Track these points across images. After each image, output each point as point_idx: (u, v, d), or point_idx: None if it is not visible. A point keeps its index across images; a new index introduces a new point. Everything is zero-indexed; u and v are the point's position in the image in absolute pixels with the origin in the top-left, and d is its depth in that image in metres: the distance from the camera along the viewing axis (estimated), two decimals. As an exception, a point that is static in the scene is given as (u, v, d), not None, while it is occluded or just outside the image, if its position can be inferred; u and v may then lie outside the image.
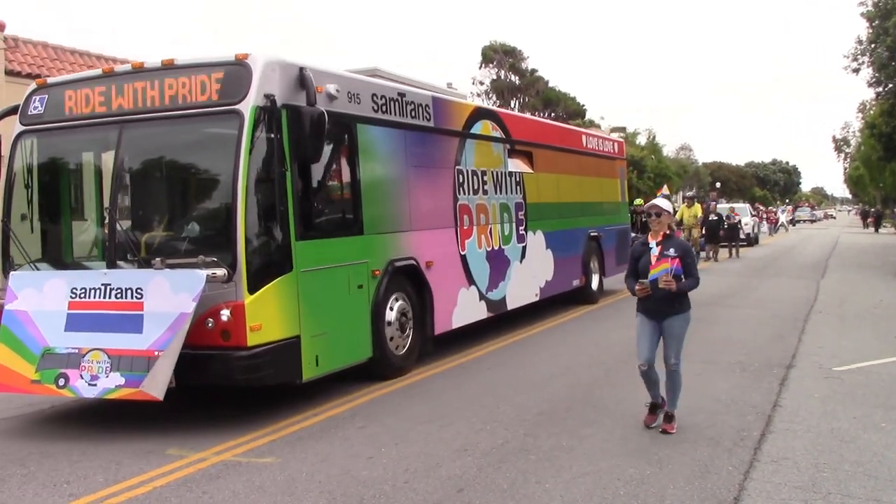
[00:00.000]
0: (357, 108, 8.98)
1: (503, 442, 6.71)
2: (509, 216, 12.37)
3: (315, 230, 8.28)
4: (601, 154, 16.70)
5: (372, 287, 9.03)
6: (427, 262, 10.09)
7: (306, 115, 7.82)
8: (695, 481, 5.61)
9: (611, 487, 5.53)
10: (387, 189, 9.50)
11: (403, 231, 9.72)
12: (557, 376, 9.27)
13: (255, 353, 7.40)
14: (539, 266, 13.33)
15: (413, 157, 10.01)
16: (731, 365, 9.61)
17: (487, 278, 11.60)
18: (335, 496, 5.56)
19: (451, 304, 10.67)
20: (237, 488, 5.79)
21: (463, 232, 11.01)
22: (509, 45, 63.33)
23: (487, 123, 11.95)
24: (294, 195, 7.87)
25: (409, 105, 9.98)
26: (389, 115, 9.56)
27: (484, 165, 11.73)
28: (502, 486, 5.62)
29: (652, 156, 55.05)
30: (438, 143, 10.67)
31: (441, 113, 10.69)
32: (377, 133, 9.34)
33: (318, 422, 7.65)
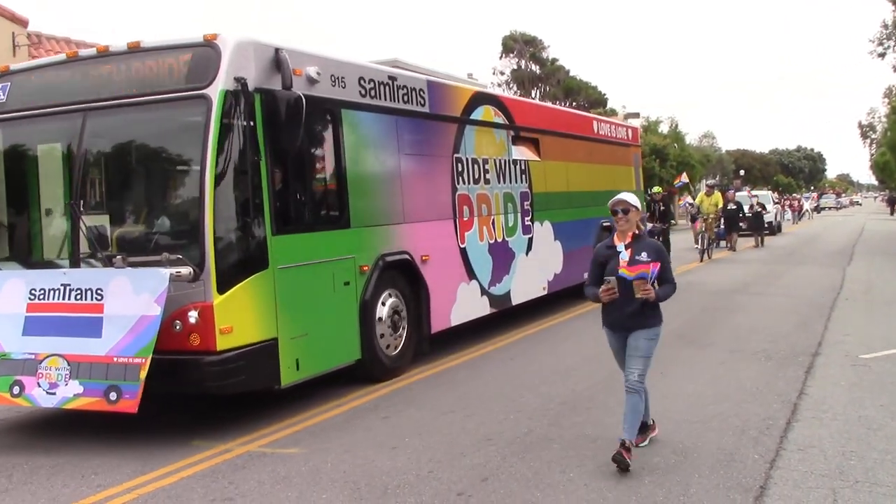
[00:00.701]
0: (342, 93, 8.32)
1: (527, 431, 6.62)
2: (514, 206, 11.68)
3: (294, 224, 7.64)
4: (614, 141, 15.92)
5: (360, 284, 8.39)
6: (422, 257, 9.43)
7: (282, 99, 7.20)
8: (720, 470, 5.52)
9: (635, 476, 5.44)
10: (376, 179, 8.85)
11: (395, 224, 9.06)
12: (581, 365, 9.09)
13: (225, 357, 6.78)
14: (547, 258, 12.62)
15: (406, 145, 9.34)
16: (757, 353, 9.39)
17: (490, 272, 10.92)
18: (359, 486, 5.52)
19: (449, 301, 10.01)
20: (262, 478, 5.77)
21: (462, 224, 10.34)
22: (530, 35, 62.31)
23: (489, 109, 11.25)
24: (270, 186, 7.24)
25: (401, 89, 9.31)
26: (379, 99, 8.90)
27: (486, 153, 11.04)
28: (526, 476, 5.57)
29: (674, 144, 54.27)
30: (435, 129, 9.99)
31: (437, 98, 10.01)
32: (365, 119, 8.68)
33: (342, 412, 7.54)
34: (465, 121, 10.60)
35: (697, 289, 15.82)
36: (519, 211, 11.80)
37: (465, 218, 10.39)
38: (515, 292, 11.56)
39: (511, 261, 11.51)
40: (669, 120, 59.49)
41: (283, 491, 5.51)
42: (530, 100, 12.86)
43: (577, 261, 13.68)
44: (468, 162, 10.56)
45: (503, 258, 11.30)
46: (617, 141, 16.07)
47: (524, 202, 11.99)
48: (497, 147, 11.38)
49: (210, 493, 5.55)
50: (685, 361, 9.04)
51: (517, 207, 11.75)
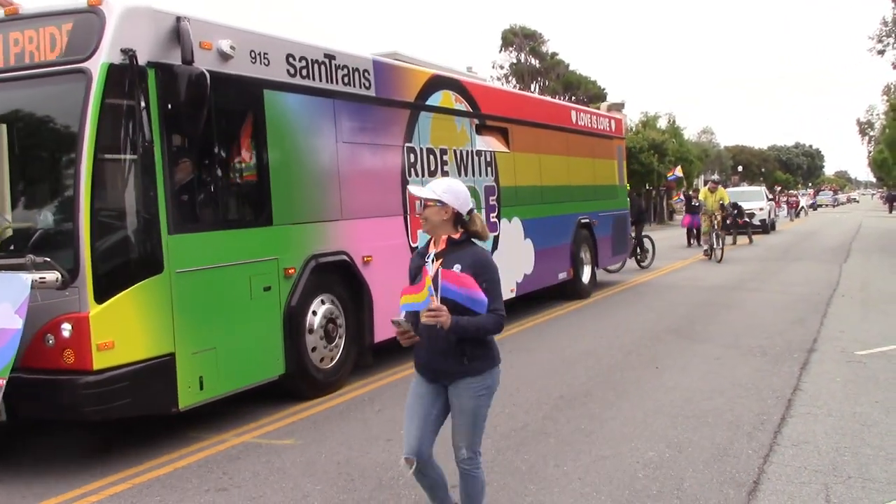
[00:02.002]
0: (265, 71, 7.19)
1: (522, 425, 6.54)
2: (477, 201, 10.52)
3: (198, 221, 6.53)
4: (595, 132, 14.73)
5: (284, 289, 7.28)
6: (364, 258, 8.31)
7: (182, 76, 6.10)
8: (714, 465, 5.48)
9: (630, 471, 5.41)
10: (307, 170, 7.70)
11: (331, 221, 7.93)
12: (578, 360, 8.94)
13: (105, 377, 5.69)
14: (515, 258, 11.48)
15: (346, 132, 8.21)
16: (752, 349, 9.30)
17: (447, 274, 9.80)
18: (353, 478, 5.47)
19: (396, 307, 8.88)
20: (257, 469, 5.71)
21: (415, 220, 9.21)
22: (529, 29, 61.65)
23: (448, 94, 10.11)
24: (166, 177, 6.13)
25: (341, 70, 8.17)
26: (312, 80, 7.76)
27: (444, 143, 9.90)
28: (521, 469, 5.51)
29: (673, 139, 53.28)
30: (382, 115, 8.85)
31: (385, 80, 8.87)
32: (294, 102, 7.55)
33: (337, 405, 7.44)
34: (420, 107, 9.46)
35: (693, 285, 15.57)
36: (483, 206, 10.65)
37: (416, 214, 9.24)
38: (478, 295, 10.43)
39: (473, 261, 10.38)
40: (668, 115, 58.71)
41: (278, 482, 5.44)
42: (499, 86, 11.64)
43: (552, 260, 12.59)
44: (422, 152, 9.43)
45: (464, 258, 10.16)
46: (598, 132, 14.87)
47: (489, 197, 10.85)
48: (458, 136, 10.25)
49: (205, 483, 5.49)
50: (680, 356, 8.94)
51: (481, 202, 10.61)
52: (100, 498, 5.37)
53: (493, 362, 4.15)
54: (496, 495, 5.05)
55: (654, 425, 6.41)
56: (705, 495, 4.99)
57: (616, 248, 15.42)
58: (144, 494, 5.36)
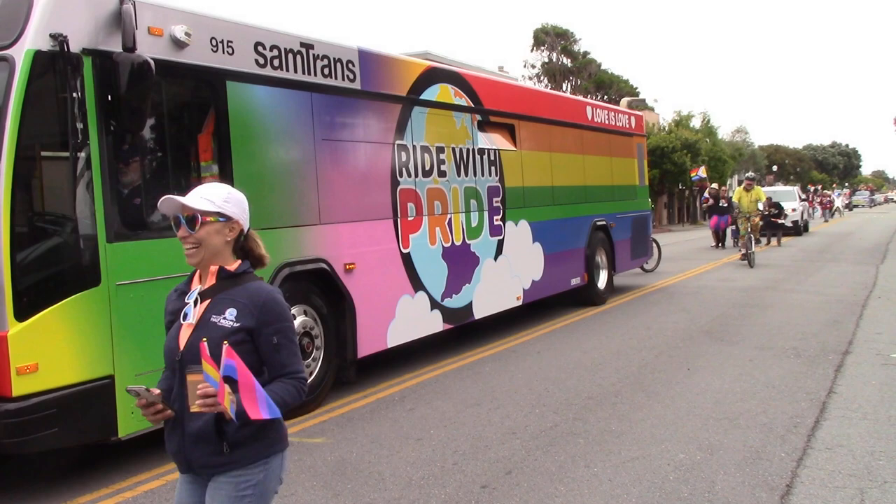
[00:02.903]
0: (228, 61, 6.44)
1: (552, 425, 6.44)
2: (479, 203, 9.72)
3: (144, 227, 5.80)
4: (613, 129, 13.81)
5: (250, 301, 6.53)
6: (346, 265, 7.54)
7: (122, 64, 5.37)
8: (746, 468, 5.35)
9: (660, 472, 5.30)
10: (278, 170, 6.93)
11: (307, 225, 7.16)
12: (607, 360, 8.74)
13: (26, 405, 4.97)
14: (522, 263, 10.64)
15: (326, 129, 7.43)
16: (786, 350, 9.00)
17: (444, 281, 8.99)
18: (384, 477, 5.40)
19: (385, 317, 8.11)
20: (288, 467, 4.65)
21: (406, 224, 8.42)
22: (561, 28, 60.80)
23: (447, 88, 9.29)
24: (105, 177, 5.40)
25: (320, 60, 7.39)
26: (286, 71, 7.00)
27: (441, 140, 9.09)
28: (550, 470, 5.43)
29: (706, 139, 52.40)
30: (369, 111, 8.06)
31: (373, 73, 8.08)
32: (264, 95, 6.79)
33: (368, 403, 7.37)
34: (414, 101, 8.66)
35: (726, 286, 15.05)
36: (486, 209, 9.84)
37: (409, 217, 8.47)
38: (479, 304, 9.62)
39: (473, 267, 9.57)
40: (701, 114, 57.63)
41: (309, 480, 5.39)
42: (506, 79, 10.80)
43: (564, 265, 11.73)
44: (416, 151, 8.63)
45: (463, 264, 9.36)
46: (616, 129, 13.95)
47: (493, 198, 10.02)
48: (457, 133, 9.43)
49: None
50: (712, 358, 8.71)
51: (483, 204, 9.80)
52: (135, 494, 5.31)
53: (270, 448, 2.77)
54: (525, 496, 4.97)
55: (685, 427, 6.24)
56: (737, 499, 4.86)
57: (636, 252, 14.48)
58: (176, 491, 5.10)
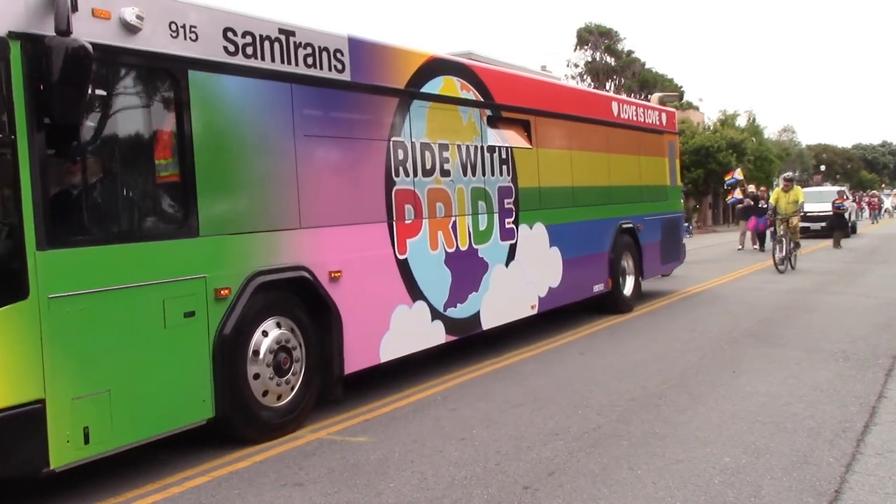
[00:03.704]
0: (191, 48, 5.74)
1: (595, 427, 6.32)
2: (488, 205, 8.92)
3: (84, 233, 5.11)
4: (641, 126, 12.87)
5: (215, 314, 5.81)
6: (332, 273, 6.81)
7: (55, 50, 4.70)
8: (793, 472, 5.20)
9: (705, 476, 5.17)
10: (250, 169, 6.19)
11: (286, 229, 6.44)
12: (651, 362, 8.55)
13: (-66, 434, 4.35)
14: (538, 269, 9.81)
15: (309, 124, 6.70)
16: (834, 353, 8.70)
17: (447, 290, 8.22)
18: (426, 476, 5.35)
19: (378, 330, 7.36)
20: (332, 465, 5.64)
21: (403, 228, 7.67)
22: (605, 27, 60.10)
23: (452, 81, 8.50)
24: (35, 177, 4.73)
25: (303, 49, 6.67)
26: (260, 60, 6.28)
27: (445, 137, 8.31)
28: (594, 471, 5.32)
29: (752, 138, 51.39)
30: (360, 104, 7.31)
31: (365, 63, 7.33)
32: (234, 86, 6.08)
33: (410, 403, 7.27)
34: (413, 94, 7.89)
35: (771, 288, 14.60)
36: (496, 211, 9.03)
37: (407, 220, 7.71)
38: (487, 313, 8.82)
39: (482, 274, 8.78)
40: (747, 113, 56.39)
41: (352, 478, 5.35)
42: (520, 72, 9.94)
43: (585, 271, 10.87)
44: (415, 148, 7.87)
45: (469, 271, 8.57)
46: (645, 127, 13.00)
47: (504, 200, 9.21)
48: (464, 130, 8.64)
49: (281, 477, 5.44)
50: (758, 360, 8.50)
51: (493, 206, 9.00)
52: (182, 490, 5.27)
53: None
54: (568, 497, 4.88)
55: (731, 430, 6.06)
56: (784, 503, 4.71)
57: (666, 256, 13.52)
58: (224, 487, 5.29)
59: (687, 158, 44.81)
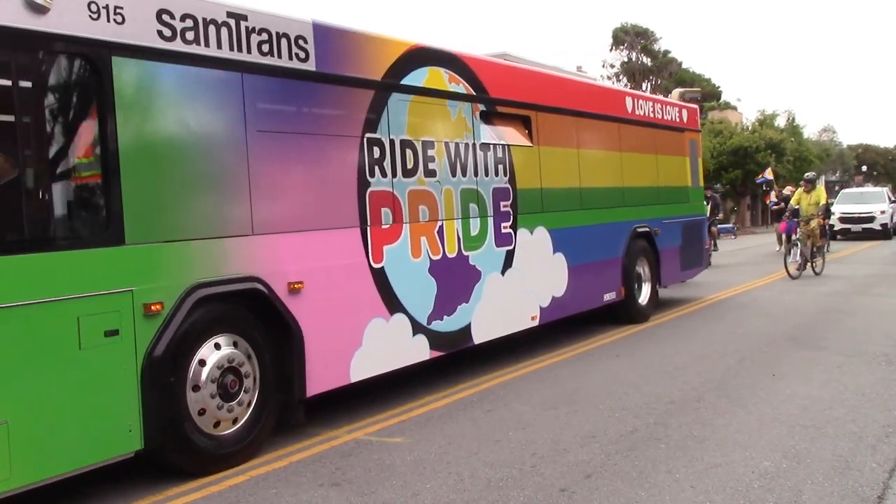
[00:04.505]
0: (115, 32, 4.98)
1: (632, 430, 6.17)
2: (481, 208, 8.09)
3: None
4: (659, 123, 11.91)
5: (144, 332, 5.07)
6: (292, 284, 6.04)
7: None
8: (834, 477, 4.97)
9: (744, 480, 4.97)
10: (189, 167, 5.43)
11: (233, 236, 5.69)
12: (689, 364, 8.37)
13: None
14: (539, 277, 8.95)
15: (263, 118, 5.94)
16: (877, 357, 8.45)
17: (432, 301, 7.41)
18: (463, 477, 5.24)
19: (348, 346, 6.57)
20: (368, 466, 5.55)
21: (379, 234, 6.88)
22: (641, 27, 59.45)
23: (438, 72, 7.69)
24: None
25: (257, 35, 5.91)
26: (204, 47, 5.51)
27: (429, 134, 7.50)
28: (631, 474, 5.14)
29: (791, 138, 50.10)
30: (327, 97, 6.53)
31: (333, 51, 6.56)
32: (169, 75, 5.33)
33: (446, 404, 7.17)
34: (392, 87, 7.09)
35: (811, 290, 14.23)
36: (490, 214, 8.20)
37: (384, 225, 6.92)
38: (480, 326, 7.99)
39: (473, 283, 7.95)
40: (787, 113, 54.97)
41: (389, 479, 5.29)
42: (517, 63, 9.10)
43: (594, 278, 9.99)
44: (394, 146, 7.07)
45: (458, 280, 7.75)
46: (663, 124, 12.04)
47: (500, 202, 8.37)
48: (452, 126, 7.82)
49: (318, 477, 5.37)
50: (798, 364, 8.27)
51: (487, 209, 8.16)
52: (221, 488, 5.23)
53: None
54: (606, 500, 4.78)
55: (770, 434, 5.90)
56: None
57: (687, 261, 12.55)
58: (262, 486, 5.25)
59: (725, 159, 43.75)
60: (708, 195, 19.85)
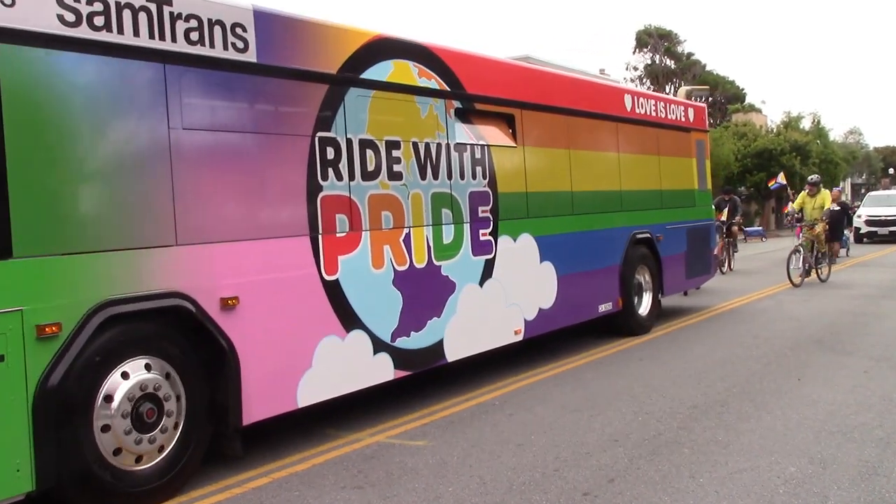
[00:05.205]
0: (2, 16, 4.37)
1: (655, 434, 6.00)
2: (456, 214, 7.33)
3: None
4: (662, 123, 11.05)
5: (37, 358, 4.38)
6: (225, 300, 5.33)
7: None
8: (861, 483, 4.85)
9: (769, 486, 4.86)
10: (95, 170, 4.74)
11: (152, 246, 4.98)
12: (713, 369, 8.18)
13: None
14: (524, 288, 8.16)
15: (191, 114, 5.23)
16: None
17: (397, 315, 6.67)
18: (485, 481, 5.16)
19: (294, 368, 5.84)
20: (390, 469, 5.48)
21: (333, 242, 6.15)
22: (665, 29, 58.62)
23: (406, 66, 6.95)
24: None
25: (183, 21, 5.19)
26: (116, 34, 4.80)
27: (395, 133, 6.76)
28: (654, 479, 5.05)
29: (817, 140, 48.91)
30: (271, 92, 5.79)
31: (279, 42, 5.84)
32: (71, 66, 4.64)
33: (468, 407, 7.06)
34: (350, 81, 6.36)
35: (839, 293, 13.94)
36: (466, 220, 7.44)
37: (339, 233, 6.19)
38: (453, 342, 7.23)
39: (446, 295, 7.19)
40: (812, 115, 53.75)
41: (411, 482, 5.19)
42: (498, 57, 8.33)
43: (587, 289, 9.19)
44: (351, 146, 6.34)
45: (428, 292, 7.01)
46: (667, 123, 11.18)
47: (479, 207, 7.61)
48: (422, 125, 7.08)
49: (340, 480, 5.29)
50: (824, 368, 8.08)
51: (463, 215, 7.40)
52: (243, 490, 5.18)
53: None
54: None
55: (796, 439, 5.78)
56: None
57: (692, 269, 11.69)
58: (284, 489, 5.18)
59: (749, 161, 42.75)
60: (727, 197, 19.08)
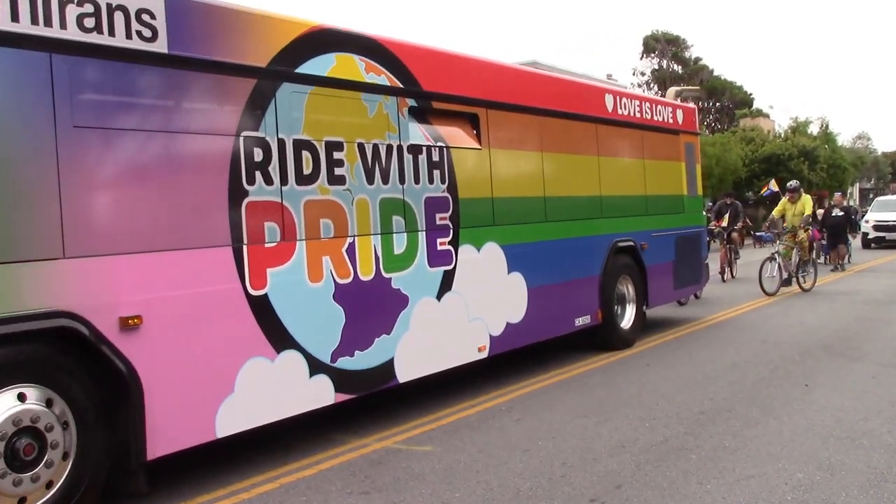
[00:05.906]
0: None
1: (663, 440, 5.91)
2: (409, 222, 6.65)
3: None
4: (647, 125, 10.30)
5: None
6: (125, 320, 4.66)
7: None
8: (870, 490, 4.78)
9: (777, 492, 4.79)
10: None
11: (32, 259, 4.32)
12: (720, 374, 8.05)
13: None
14: (489, 301, 7.46)
15: (85, 111, 4.56)
16: None
17: (338, 333, 5.98)
18: (492, 487, 5.09)
19: (212, 395, 5.17)
20: (397, 475, 5.39)
21: (260, 253, 5.47)
22: (672, 34, 57.92)
23: (351, 60, 6.28)
24: None
25: (77, 7, 4.56)
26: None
27: (336, 133, 6.08)
28: (661, 485, 4.97)
29: (825, 145, 48.14)
30: (186, 86, 5.12)
31: (194, 31, 5.18)
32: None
33: (475, 413, 6.90)
34: (282, 76, 5.68)
35: (847, 298, 13.73)
36: (421, 229, 6.75)
37: (267, 243, 5.52)
38: (406, 361, 6.55)
39: (398, 310, 6.51)
40: (820, 120, 52.97)
41: (417, 487, 5.11)
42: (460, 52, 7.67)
43: (562, 301, 8.48)
44: (283, 147, 5.66)
45: (376, 307, 6.32)
46: (652, 125, 10.44)
47: (436, 214, 6.92)
48: (371, 124, 6.40)
49: (347, 485, 5.21)
50: (832, 374, 7.97)
51: (418, 223, 6.72)
52: (251, 496, 5.10)
53: None
54: None
55: (803, 445, 5.66)
56: None
57: (681, 279, 10.94)
58: (291, 494, 5.10)
59: (757, 167, 42.02)
60: (729, 202, 18.39)
